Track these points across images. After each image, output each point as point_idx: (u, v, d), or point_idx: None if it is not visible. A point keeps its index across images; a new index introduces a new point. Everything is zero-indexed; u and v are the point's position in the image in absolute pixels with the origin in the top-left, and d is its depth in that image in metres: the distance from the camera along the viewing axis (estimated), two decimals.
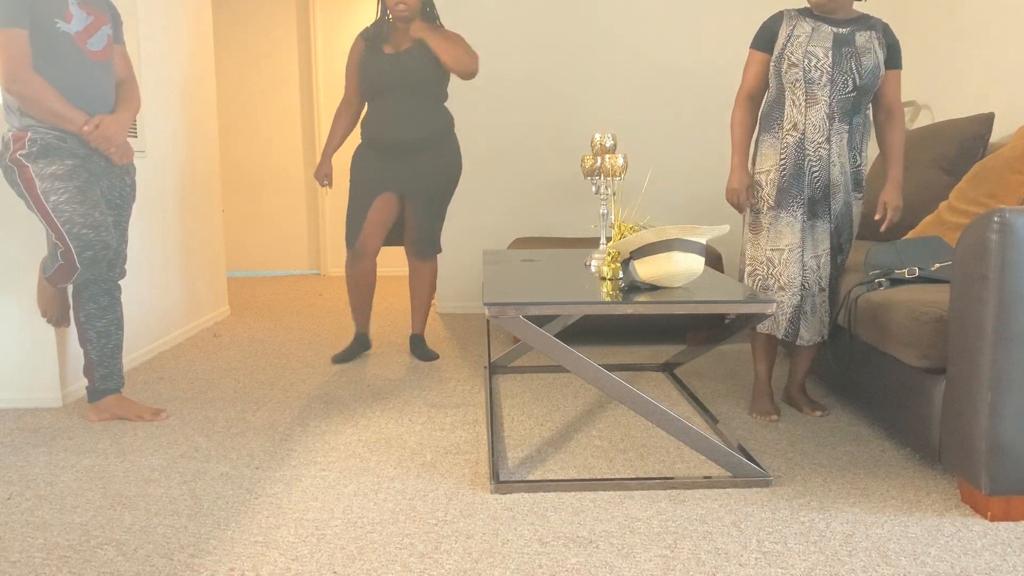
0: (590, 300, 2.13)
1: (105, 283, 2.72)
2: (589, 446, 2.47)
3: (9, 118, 2.53)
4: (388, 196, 3.39)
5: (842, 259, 2.64)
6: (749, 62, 2.65)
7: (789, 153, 2.56)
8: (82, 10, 2.56)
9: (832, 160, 2.54)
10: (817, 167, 2.54)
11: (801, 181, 2.56)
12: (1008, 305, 1.84)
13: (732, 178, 2.64)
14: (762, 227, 2.63)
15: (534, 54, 4.57)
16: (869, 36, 2.53)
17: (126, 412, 2.74)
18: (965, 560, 1.76)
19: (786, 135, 2.57)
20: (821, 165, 2.54)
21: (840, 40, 2.51)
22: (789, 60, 2.53)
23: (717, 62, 4.53)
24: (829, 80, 2.50)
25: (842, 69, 2.49)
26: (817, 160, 2.54)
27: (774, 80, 2.61)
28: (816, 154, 2.53)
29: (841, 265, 2.64)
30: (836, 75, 2.49)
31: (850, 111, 2.53)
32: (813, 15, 2.57)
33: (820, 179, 2.55)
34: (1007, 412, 1.87)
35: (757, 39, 2.64)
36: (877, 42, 2.53)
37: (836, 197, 2.56)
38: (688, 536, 1.88)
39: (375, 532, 1.91)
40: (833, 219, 2.58)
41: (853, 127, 2.55)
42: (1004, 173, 2.76)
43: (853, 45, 2.51)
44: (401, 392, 3.08)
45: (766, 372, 2.76)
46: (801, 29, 2.55)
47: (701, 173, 4.60)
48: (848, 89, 2.50)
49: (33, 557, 1.80)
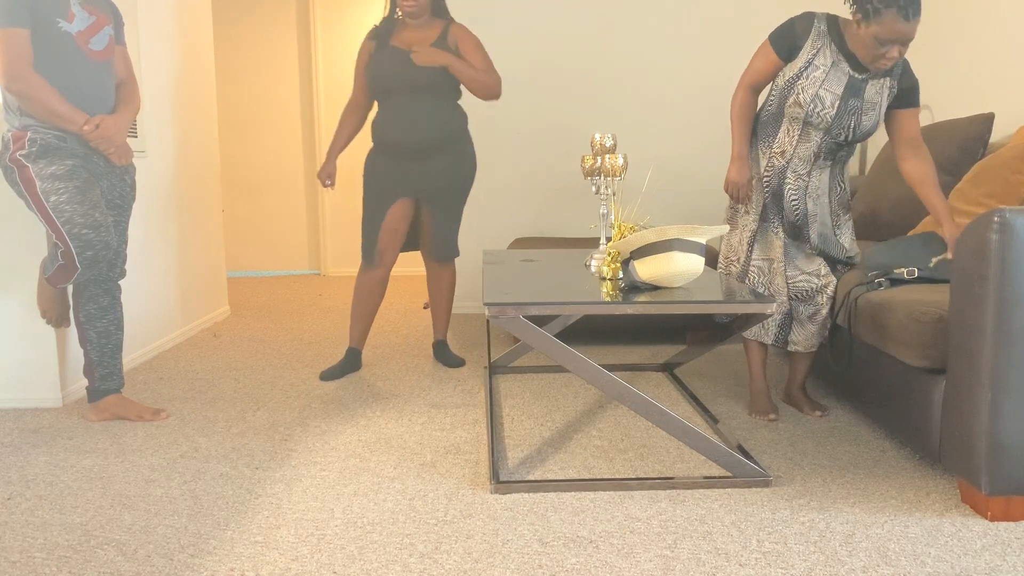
0: (590, 300, 2.13)
1: (105, 283, 2.72)
2: (589, 446, 2.47)
3: (9, 118, 2.53)
4: (404, 202, 3.26)
5: (840, 271, 2.66)
6: (763, 57, 2.53)
7: (774, 174, 2.56)
8: (84, 10, 2.56)
9: (809, 192, 2.54)
10: (796, 197, 2.54)
11: (780, 204, 2.58)
12: (1008, 305, 1.84)
13: (732, 169, 2.57)
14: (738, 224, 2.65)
15: (534, 54, 4.57)
16: (881, 86, 2.44)
17: (126, 412, 2.74)
18: (965, 560, 1.76)
19: (773, 156, 2.56)
20: (799, 196, 2.54)
21: (851, 89, 2.42)
22: (796, 98, 2.45)
23: (717, 62, 4.53)
24: (826, 129, 2.46)
25: (841, 124, 2.45)
26: (796, 190, 2.54)
27: (777, 98, 2.54)
28: (796, 184, 2.54)
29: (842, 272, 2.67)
30: (834, 128, 2.46)
31: (835, 151, 2.53)
32: (840, 42, 2.43)
33: (797, 208, 2.55)
34: (1007, 412, 1.87)
35: (779, 40, 2.49)
36: (887, 92, 2.46)
37: (812, 227, 2.56)
38: (688, 536, 1.88)
39: (375, 532, 1.91)
40: (815, 245, 2.58)
41: (836, 160, 2.56)
42: (1004, 173, 2.76)
43: (861, 98, 2.43)
44: (401, 392, 3.08)
45: (759, 371, 2.76)
46: (822, 60, 2.43)
47: (701, 173, 4.60)
48: (840, 140, 2.49)
49: (33, 557, 1.80)
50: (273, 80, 6.34)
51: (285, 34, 6.30)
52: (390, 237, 3.28)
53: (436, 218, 3.32)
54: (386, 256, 3.30)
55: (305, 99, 6.35)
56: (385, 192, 3.25)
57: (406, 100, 3.17)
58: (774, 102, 2.56)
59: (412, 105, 3.17)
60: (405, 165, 3.23)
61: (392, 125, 3.19)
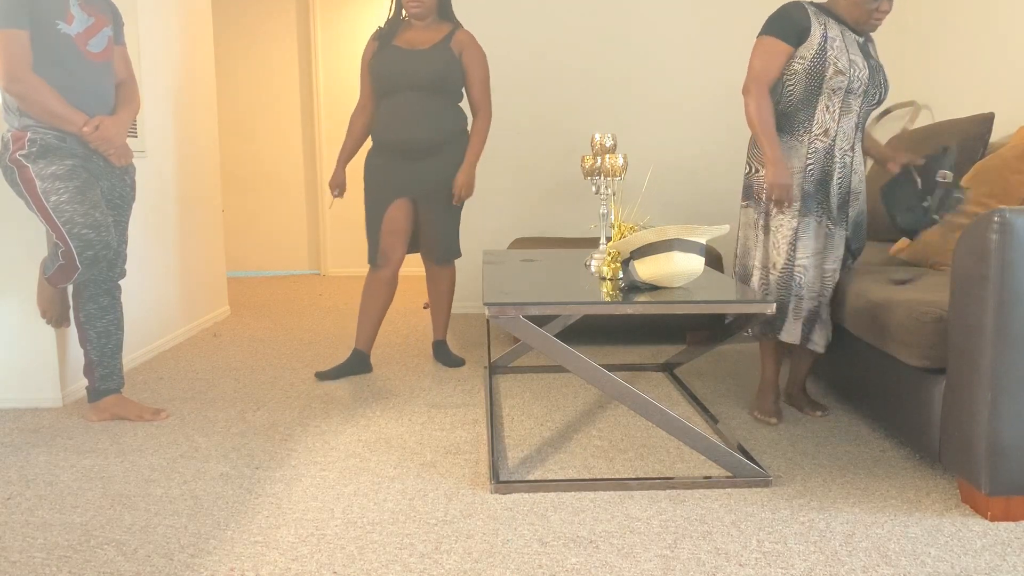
0: (590, 300, 2.13)
1: (105, 283, 2.72)
2: (589, 446, 2.47)
3: (9, 118, 2.53)
4: (402, 202, 3.25)
5: (851, 262, 2.66)
6: (770, 51, 2.46)
7: (817, 158, 2.49)
8: (83, 11, 2.56)
9: (855, 168, 2.53)
10: (842, 174, 2.51)
11: (827, 188, 2.51)
12: (1008, 305, 1.84)
13: (774, 172, 2.44)
14: (776, 229, 2.54)
15: (535, 54, 4.57)
16: (875, 47, 2.54)
17: (126, 412, 2.74)
18: (965, 560, 1.76)
19: (815, 140, 2.49)
20: (845, 172, 2.51)
21: (864, 50, 2.49)
22: (835, 66, 2.41)
23: (717, 62, 4.52)
24: (863, 92, 2.47)
25: (875, 82, 2.48)
26: (842, 167, 2.50)
27: (803, 81, 2.46)
28: (842, 161, 2.50)
29: (852, 268, 2.66)
30: (871, 87, 2.48)
31: (865, 120, 2.54)
32: (831, 16, 2.49)
33: (843, 187, 2.52)
34: (1007, 412, 1.87)
35: (783, 29, 2.45)
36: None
37: (854, 205, 2.56)
38: (688, 536, 1.88)
39: (375, 532, 1.91)
40: (849, 227, 2.57)
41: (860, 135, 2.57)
42: (1004, 173, 2.76)
43: (873, 58, 2.50)
44: (401, 392, 3.08)
45: (773, 372, 2.72)
46: (833, 31, 2.46)
47: (701, 173, 4.60)
48: (874, 102, 2.50)
49: (33, 557, 1.80)
50: (273, 80, 6.34)
51: (285, 34, 6.30)
52: (392, 238, 3.26)
53: (434, 219, 3.30)
54: (389, 257, 3.28)
55: (305, 99, 6.35)
56: (383, 193, 3.24)
57: (407, 99, 3.16)
58: (796, 88, 2.48)
59: (412, 105, 3.16)
60: (403, 165, 3.22)
61: (391, 125, 3.18)
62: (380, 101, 3.24)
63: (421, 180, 3.23)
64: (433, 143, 3.19)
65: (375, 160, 3.27)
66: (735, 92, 4.49)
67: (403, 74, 3.15)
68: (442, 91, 3.18)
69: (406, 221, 3.29)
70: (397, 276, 3.32)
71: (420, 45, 3.19)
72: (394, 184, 3.24)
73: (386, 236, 3.26)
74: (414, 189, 3.24)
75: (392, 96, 3.19)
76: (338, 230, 6.47)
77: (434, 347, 3.56)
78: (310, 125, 6.38)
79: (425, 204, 3.28)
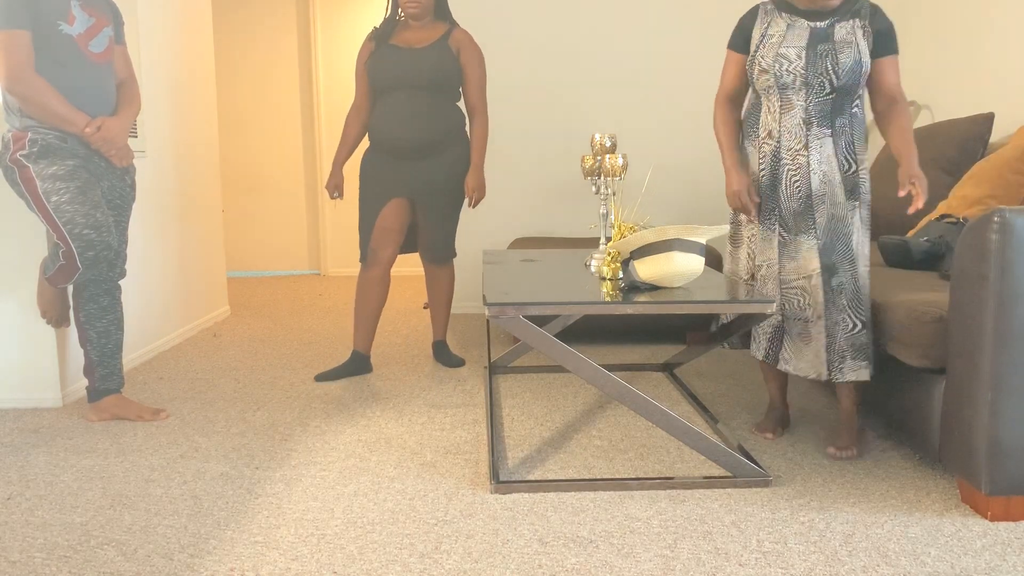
0: (590, 300, 2.13)
1: (105, 283, 2.72)
2: (589, 446, 2.47)
3: (9, 118, 2.53)
4: (398, 201, 3.24)
5: (840, 282, 2.30)
6: (726, 62, 2.48)
7: (766, 162, 2.37)
8: (84, 11, 2.56)
9: (812, 168, 2.30)
10: (796, 176, 2.32)
11: (777, 192, 2.36)
12: (1008, 305, 1.84)
13: (729, 181, 2.40)
14: (742, 240, 2.48)
15: (535, 54, 4.57)
16: (851, 27, 2.29)
17: (126, 412, 2.74)
18: (965, 560, 1.76)
19: (762, 143, 2.38)
20: (800, 175, 2.32)
21: (817, 36, 2.30)
22: (760, 65, 2.34)
23: (717, 62, 4.52)
24: (804, 84, 2.29)
25: (816, 70, 2.28)
26: (796, 169, 2.32)
27: (751, 87, 2.45)
28: (794, 163, 2.32)
29: (839, 289, 2.30)
30: (811, 77, 2.29)
31: (830, 114, 2.31)
32: (791, 8, 2.35)
33: (800, 190, 2.32)
34: (1007, 412, 1.87)
35: (733, 38, 2.46)
36: (861, 32, 2.29)
37: (820, 210, 2.31)
38: (688, 536, 1.88)
39: (375, 532, 1.91)
40: (820, 235, 2.31)
41: (836, 130, 2.31)
42: (1004, 173, 2.76)
43: (831, 41, 2.29)
44: (401, 392, 3.08)
45: (774, 388, 2.61)
46: (775, 28, 2.35)
47: (701, 173, 4.60)
48: (826, 91, 2.29)
49: (33, 557, 1.80)
50: (273, 80, 6.34)
51: (285, 34, 6.30)
52: (383, 236, 3.25)
53: (431, 219, 3.29)
54: (380, 255, 3.26)
55: (305, 99, 6.35)
56: (379, 191, 3.23)
57: (404, 99, 3.16)
58: (751, 96, 2.47)
59: (409, 104, 3.16)
60: (400, 165, 3.21)
61: (389, 124, 3.18)
62: (377, 101, 3.24)
63: (418, 179, 3.22)
64: (431, 142, 3.19)
65: (372, 159, 3.26)
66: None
67: (401, 73, 3.14)
68: (440, 90, 3.18)
69: (399, 221, 3.27)
70: (389, 275, 3.31)
71: (417, 44, 3.18)
72: (391, 183, 3.23)
73: (377, 235, 3.25)
74: (411, 189, 3.24)
75: (389, 95, 3.18)
76: (338, 230, 6.47)
77: (434, 347, 3.56)
78: (310, 125, 6.38)
79: (422, 204, 3.27)
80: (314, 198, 6.47)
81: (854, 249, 2.31)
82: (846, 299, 2.30)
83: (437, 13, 3.26)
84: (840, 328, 2.30)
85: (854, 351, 2.30)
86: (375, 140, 3.25)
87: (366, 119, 3.33)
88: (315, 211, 6.49)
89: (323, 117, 6.32)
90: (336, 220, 6.46)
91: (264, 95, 6.36)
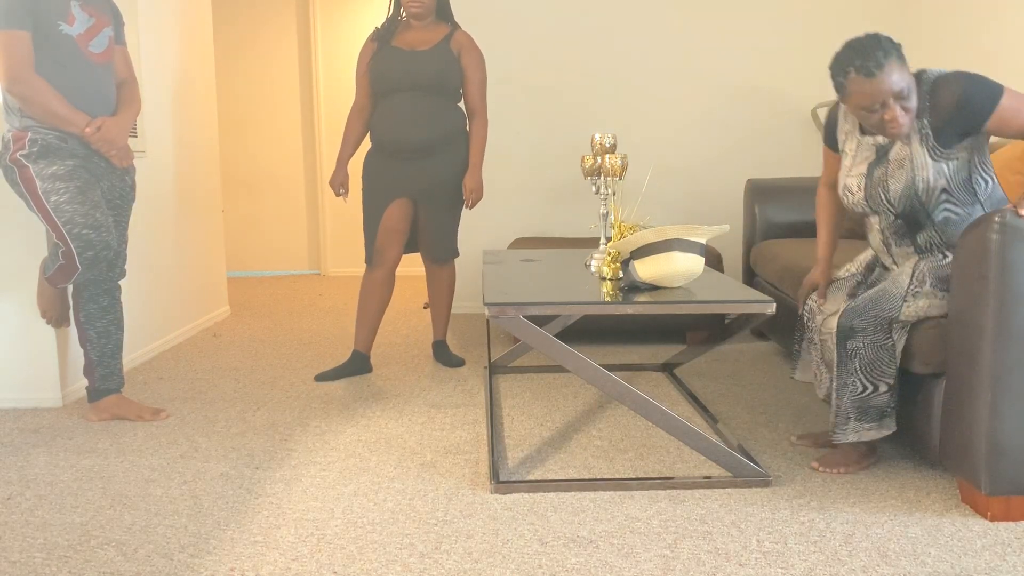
0: (590, 300, 2.13)
1: (105, 283, 2.72)
2: (589, 446, 2.47)
3: (9, 118, 2.53)
4: (401, 202, 3.24)
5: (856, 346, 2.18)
6: (824, 155, 2.44)
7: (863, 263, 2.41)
8: (84, 12, 2.55)
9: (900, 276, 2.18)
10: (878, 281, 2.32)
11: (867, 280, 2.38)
12: (1008, 305, 1.84)
13: (814, 271, 2.42)
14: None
15: (535, 54, 4.57)
16: (908, 138, 2.10)
17: (126, 412, 2.74)
18: (965, 560, 1.76)
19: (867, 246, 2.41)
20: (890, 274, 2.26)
21: (878, 159, 2.17)
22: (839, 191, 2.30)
23: (718, 62, 4.53)
24: (871, 211, 2.21)
25: (875, 201, 2.16)
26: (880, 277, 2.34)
27: None
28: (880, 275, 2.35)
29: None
30: (871, 207, 2.20)
31: (908, 233, 2.17)
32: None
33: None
34: (1007, 412, 1.87)
35: (825, 134, 2.39)
36: (918, 139, 2.09)
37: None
38: (688, 536, 1.88)
39: (375, 532, 1.91)
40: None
41: (920, 246, 2.17)
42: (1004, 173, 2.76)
43: (886, 163, 2.14)
44: (401, 392, 3.08)
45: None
46: (850, 147, 2.26)
47: (701, 173, 4.60)
48: (891, 219, 2.17)
49: (33, 557, 1.80)
50: (273, 80, 6.34)
51: (285, 34, 6.30)
52: (388, 236, 3.26)
53: (433, 219, 3.30)
54: (385, 255, 3.27)
55: (305, 99, 6.35)
56: (382, 192, 3.24)
57: (406, 99, 3.16)
58: None
59: (411, 105, 3.16)
60: (402, 165, 3.21)
61: (391, 125, 3.18)
62: (379, 102, 3.24)
63: (420, 180, 3.23)
64: (433, 143, 3.19)
65: (374, 160, 3.27)
66: (735, 93, 4.49)
67: (404, 75, 3.14)
68: (442, 91, 3.18)
69: (403, 221, 3.28)
70: (394, 276, 3.32)
71: (420, 46, 3.19)
72: (393, 184, 3.23)
73: (382, 236, 3.25)
74: (413, 189, 3.24)
75: (392, 96, 3.19)
76: (338, 230, 6.47)
77: (434, 347, 3.56)
78: (310, 125, 6.38)
79: (424, 204, 3.28)
80: (314, 198, 6.47)
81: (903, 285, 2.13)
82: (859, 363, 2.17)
83: (439, 14, 3.27)
84: (848, 390, 2.17)
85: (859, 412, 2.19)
86: (377, 141, 3.25)
87: (368, 120, 3.33)
88: (315, 211, 6.48)
89: (323, 117, 6.32)
90: (336, 220, 6.46)
91: (264, 95, 6.36)
